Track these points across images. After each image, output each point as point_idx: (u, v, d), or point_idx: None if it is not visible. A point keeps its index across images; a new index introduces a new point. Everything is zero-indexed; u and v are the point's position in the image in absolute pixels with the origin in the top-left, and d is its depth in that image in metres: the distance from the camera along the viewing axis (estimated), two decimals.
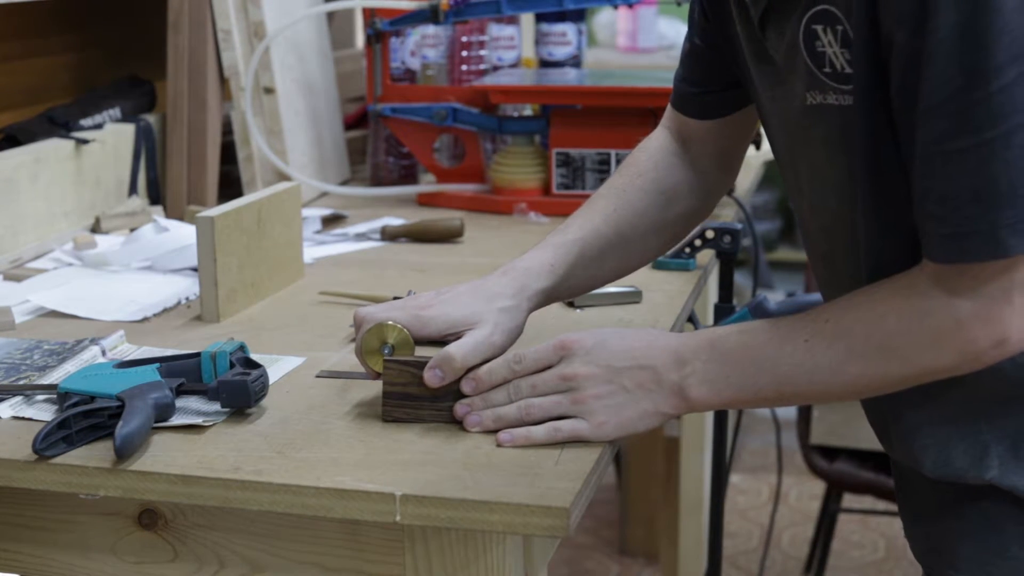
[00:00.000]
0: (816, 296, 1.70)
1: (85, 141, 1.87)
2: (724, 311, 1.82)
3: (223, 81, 2.04)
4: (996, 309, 1.00)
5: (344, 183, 2.28)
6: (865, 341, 1.05)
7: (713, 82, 1.33)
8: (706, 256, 1.73)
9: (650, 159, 1.38)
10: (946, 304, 1.02)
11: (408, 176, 2.23)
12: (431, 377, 1.15)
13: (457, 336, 1.18)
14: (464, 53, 2.18)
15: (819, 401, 1.22)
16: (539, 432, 1.11)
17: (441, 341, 1.19)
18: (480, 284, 1.23)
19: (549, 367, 1.14)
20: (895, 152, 1.04)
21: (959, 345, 1.02)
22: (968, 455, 1.11)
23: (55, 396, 1.19)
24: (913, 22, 0.97)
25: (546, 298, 1.27)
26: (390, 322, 1.19)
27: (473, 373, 1.16)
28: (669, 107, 1.41)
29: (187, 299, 1.57)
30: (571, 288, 1.31)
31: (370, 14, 2.12)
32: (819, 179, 1.16)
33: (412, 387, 1.16)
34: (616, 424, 1.12)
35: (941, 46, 0.96)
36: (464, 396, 1.16)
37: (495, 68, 2.29)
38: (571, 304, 1.51)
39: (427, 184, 2.17)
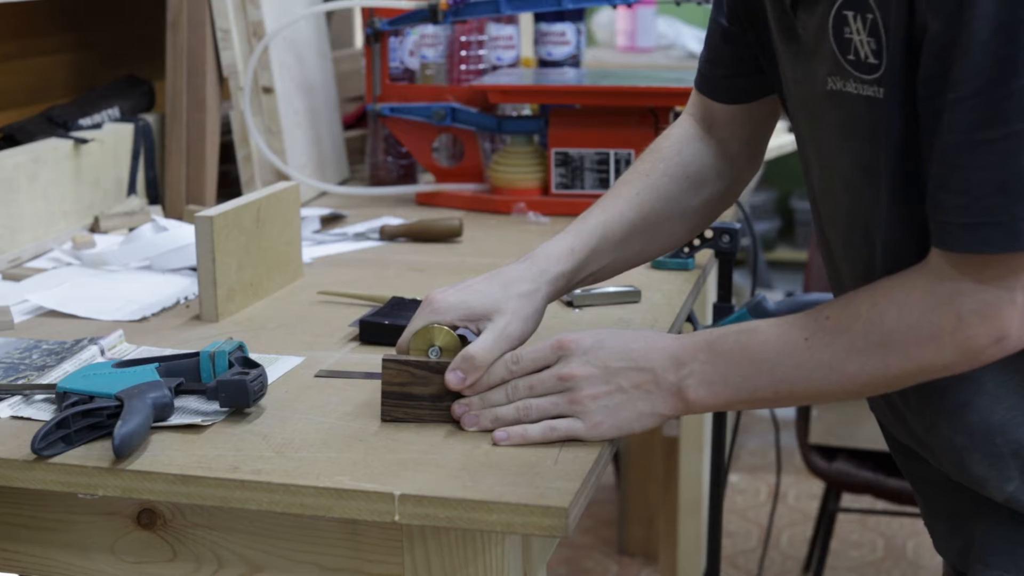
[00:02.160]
0: (814, 296, 1.70)
1: (84, 141, 1.87)
2: (723, 311, 1.82)
3: (222, 81, 2.04)
4: (997, 305, 1.00)
5: (343, 183, 2.28)
6: (865, 337, 1.05)
7: (740, 64, 1.30)
8: (705, 256, 1.73)
9: (673, 145, 1.36)
10: (949, 298, 1.02)
11: (407, 176, 2.23)
12: (453, 379, 1.14)
13: (476, 327, 1.18)
14: (463, 53, 2.18)
15: (815, 401, 1.22)
16: (535, 431, 1.11)
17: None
18: (498, 272, 1.23)
19: (547, 367, 1.14)
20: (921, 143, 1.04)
21: (959, 341, 1.02)
22: (983, 464, 1.11)
23: (54, 396, 1.19)
24: (948, 12, 0.97)
25: (567, 282, 1.26)
26: (434, 325, 1.19)
27: None
28: (693, 92, 1.38)
29: (186, 299, 1.57)
30: (596, 272, 1.29)
31: (369, 14, 2.12)
32: (826, 166, 1.16)
33: (411, 387, 1.16)
34: (612, 424, 1.12)
35: (976, 36, 0.96)
36: (463, 396, 1.16)
37: (494, 68, 2.29)
38: (570, 304, 1.51)
39: (426, 184, 2.17)
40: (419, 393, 1.16)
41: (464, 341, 1.18)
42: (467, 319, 1.18)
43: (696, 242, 1.68)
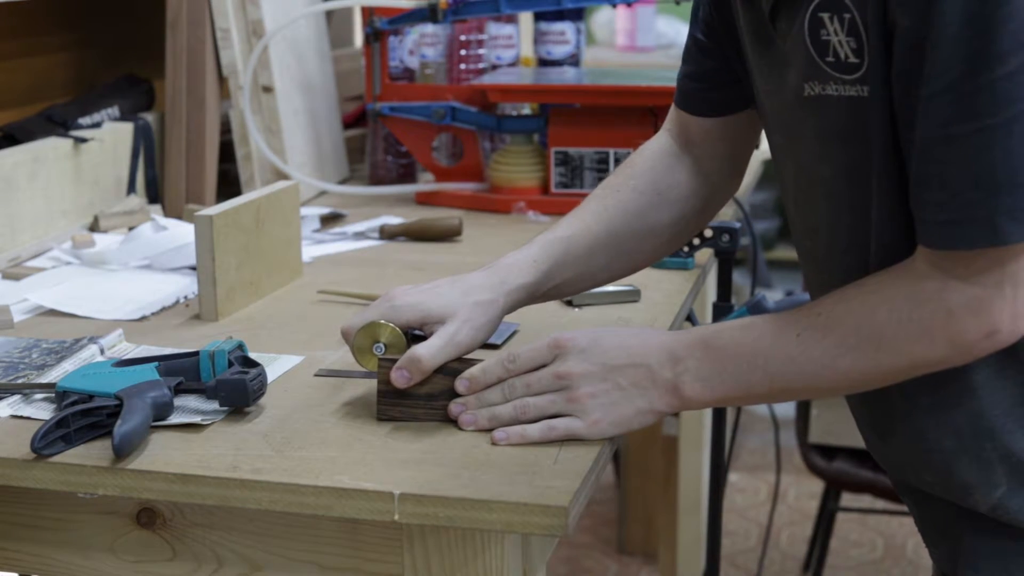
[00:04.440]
0: None
1: (83, 140, 1.87)
2: (723, 310, 1.82)
3: (221, 80, 2.04)
4: (987, 299, 1.00)
5: (343, 182, 2.28)
6: (856, 333, 1.05)
7: (718, 77, 1.30)
8: (704, 255, 1.73)
9: (646, 160, 1.35)
10: (938, 294, 1.01)
11: (406, 175, 2.23)
12: (398, 378, 1.15)
13: (429, 329, 1.18)
14: (463, 52, 2.18)
15: (810, 396, 1.22)
16: (534, 430, 1.11)
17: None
18: (460, 278, 1.23)
19: (543, 366, 1.14)
20: None
21: (950, 335, 1.02)
22: (972, 469, 1.10)
23: (53, 395, 1.19)
24: (918, 8, 0.97)
25: (528, 294, 1.26)
26: (382, 321, 1.20)
27: (467, 372, 1.16)
28: (672, 109, 1.38)
29: (186, 298, 1.57)
30: (560, 287, 1.29)
31: (369, 13, 2.12)
32: (805, 177, 1.15)
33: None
34: (611, 422, 1.12)
35: (947, 31, 0.96)
36: (458, 395, 1.16)
37: (494, 67, 2.29)
38: (569, 303, 1.51)
39: (425, 183, 2.17)
40: (414, 392, 1.16)
41: (412, 340, 1.19)
42: (422, 321, 1.20)
43: (696, 241, 1.68)
